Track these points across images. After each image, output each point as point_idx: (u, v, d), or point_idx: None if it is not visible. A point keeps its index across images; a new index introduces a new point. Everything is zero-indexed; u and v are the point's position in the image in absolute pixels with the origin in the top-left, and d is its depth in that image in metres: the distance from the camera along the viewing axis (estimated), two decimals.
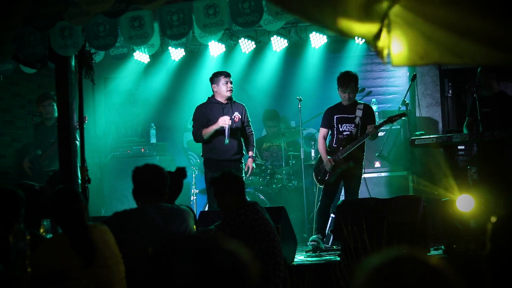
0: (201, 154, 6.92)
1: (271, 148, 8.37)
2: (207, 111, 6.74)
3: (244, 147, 6.89)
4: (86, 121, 6.13)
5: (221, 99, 6.76)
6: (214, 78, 6.79)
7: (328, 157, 6.55)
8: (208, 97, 6.89)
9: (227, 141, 6.52)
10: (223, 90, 6.69)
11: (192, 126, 6.83)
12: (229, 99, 6.75)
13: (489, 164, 6.11)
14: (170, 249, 1.39)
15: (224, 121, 6.53)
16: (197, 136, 6.73)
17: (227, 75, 6.74)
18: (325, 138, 6.67)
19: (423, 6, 1.83)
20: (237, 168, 6.60)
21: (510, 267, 1.79)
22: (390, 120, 6.52)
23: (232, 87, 6.74)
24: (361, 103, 6.69)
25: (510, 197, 4.33)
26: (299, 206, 7.62)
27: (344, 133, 6.59)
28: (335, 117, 6.62)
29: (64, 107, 6.04)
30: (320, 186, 6.69)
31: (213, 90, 6.81)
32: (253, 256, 1.42)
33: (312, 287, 5.05)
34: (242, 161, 6.87)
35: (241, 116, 6.81)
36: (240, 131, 6.82)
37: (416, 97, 8.20)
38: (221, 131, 6.61)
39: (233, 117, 6.74)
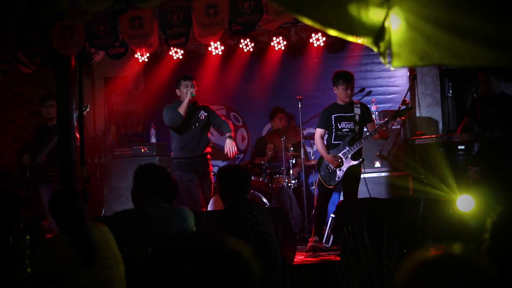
0: (172, 154, 7.13)
1: (275, 148, 8.37)
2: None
3: (210, 144, 7.24)
4: (88, 109, 6.15)
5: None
6: (176, 83, 7.11)
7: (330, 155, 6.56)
8: (174, 101, 7.11)
9: (193, 94, 6.91)
10: (183, 93, 6.95)
11: (167, 117, 6.96)
12: (193, 102, 6.99)
13: (489, 164, 6.11)
14: (169, 249, 1.39)
15: (188, 90, 6.87)
16: (175, 116, 6.88)
17: (186, 78, 7.04)
18: (322, 138, 6.67)
19: (424, 7, 1.83)
20: (206, 163, 7.00)
21: (510, 264, 1.80)
22: (399, 114, 6.52)
23: (194, 89, 6.99)
24: (357, 102, 6.72)
25: (509, 196, 4.33)
26: (299, 206, 7.62)
27: (344, 130, 6.60)
28: (333, 116, 6.61)
29: (64, 107, 6.05)
30: (330, 187, 6.64)
31: (177, 94, 7.09)
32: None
33: (312, 287, 5.05)
34: (210, 157, 7.15)
35: (207, 113, 7.08)
36: (208, 127, 7.13)
37: (416, 97, 8.19)
38: (190, 130, 6.95)
39: (199, 116, 7.03)
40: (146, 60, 8.67)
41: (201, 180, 6.92)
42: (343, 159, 6.53)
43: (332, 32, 1.82)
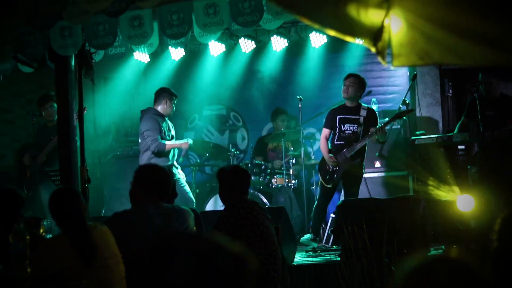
0: (144, 161, 6.90)
1: (277, 149, 8.37)
2: (159, 123, 6.97)
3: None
4: (85, 111, 6.17)
5: (164, 114, 7.04)
6: (165, 94, 7.05)
7: (330, 154, 6.62)
8: (151, 108, 7.05)
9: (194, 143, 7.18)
10: (170, 109, 7.02)
11: (151, 135, 6.86)
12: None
13: (489, 164, 6.10)
14: (167, 248, 1.39)
15: (187, 145, 7.03)
16: (161, 147, 6.85)
17: (176, 96, 7.11)
18: (327, 139, 6.75)
19: (423, 6, 1.83)
20: (176, 172, 6.97)
21: None
22: (399, 116, 6.53)
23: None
24: (365, 106, 6.75)
25: (509, 197, 4.32)
26: (299, 206, 7.62)
27: (347, 132, 6.67)
28: (338, 117, 6.70)
29: (64, 107, 6.05)
30: (328, 186, 6.68)
31: (159, 103, 7.03)
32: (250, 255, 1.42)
33: (312, 287, 5.05)
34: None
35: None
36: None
37: (416, 97, 8.18)
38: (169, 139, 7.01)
39: (171, 131, 7.15)
40: (146, 60, 8.66)
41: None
42: (342, 160, 6.57)
43: (331, 32, 1.82)
